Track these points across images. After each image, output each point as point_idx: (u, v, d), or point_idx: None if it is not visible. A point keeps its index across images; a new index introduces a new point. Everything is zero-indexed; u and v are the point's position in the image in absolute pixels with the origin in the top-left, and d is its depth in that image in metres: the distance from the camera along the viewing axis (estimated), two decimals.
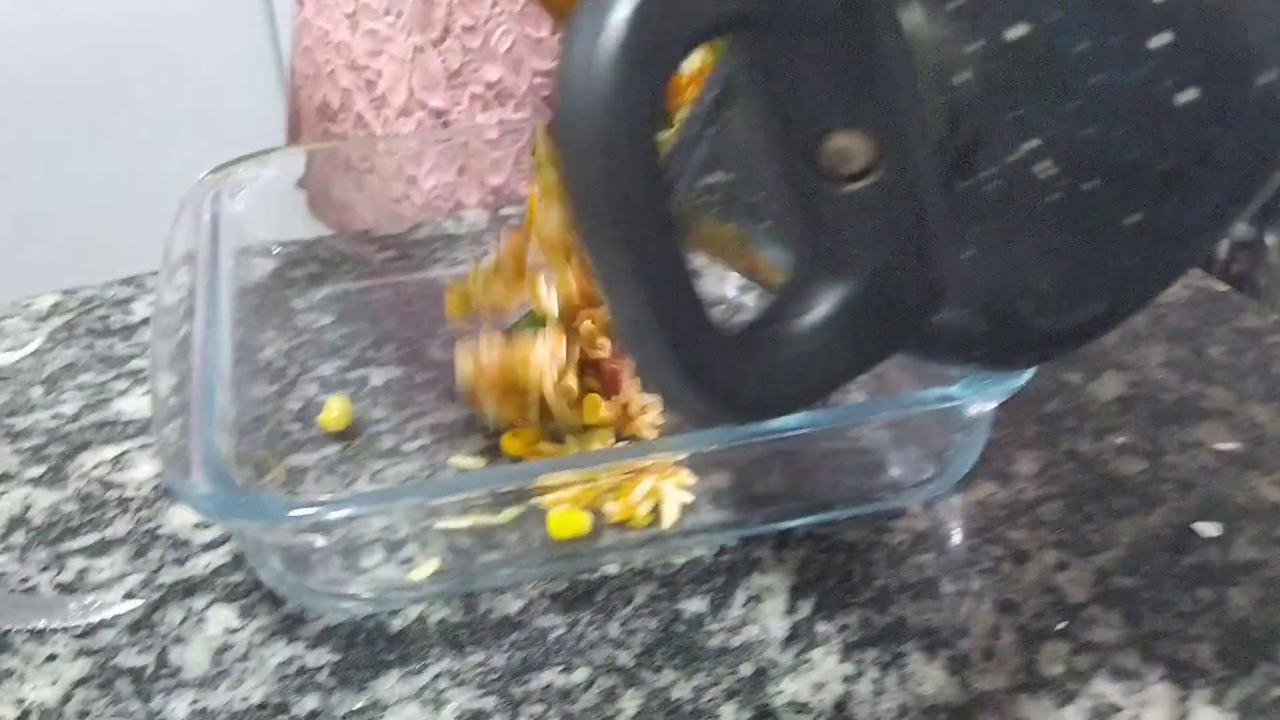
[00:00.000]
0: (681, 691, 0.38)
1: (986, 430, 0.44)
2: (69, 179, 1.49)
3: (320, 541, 0.40)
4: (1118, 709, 0.37)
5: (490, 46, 0.71)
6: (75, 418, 0.52)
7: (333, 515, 0.37)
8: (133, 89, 1.47)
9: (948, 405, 0.40)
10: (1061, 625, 0.40)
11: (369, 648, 0.40)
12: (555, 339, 0.44)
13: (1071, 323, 0.30)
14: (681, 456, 0.43)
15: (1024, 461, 0.47)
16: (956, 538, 0.44)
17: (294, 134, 0.81)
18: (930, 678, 0.38)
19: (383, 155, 0.70)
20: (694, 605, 0.42)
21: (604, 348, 0.45)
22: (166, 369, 0.44)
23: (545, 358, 0.43)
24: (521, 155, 0.67)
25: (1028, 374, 0.41)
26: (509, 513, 0.42)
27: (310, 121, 0.78)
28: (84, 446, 0.51)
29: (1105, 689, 0.38)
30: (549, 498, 0.42)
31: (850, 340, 0.27)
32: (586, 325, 0.45)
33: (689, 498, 0.44)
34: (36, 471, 0.49)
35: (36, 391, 0.54)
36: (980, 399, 0.40)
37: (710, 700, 0.38)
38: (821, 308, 0.27)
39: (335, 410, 0.49)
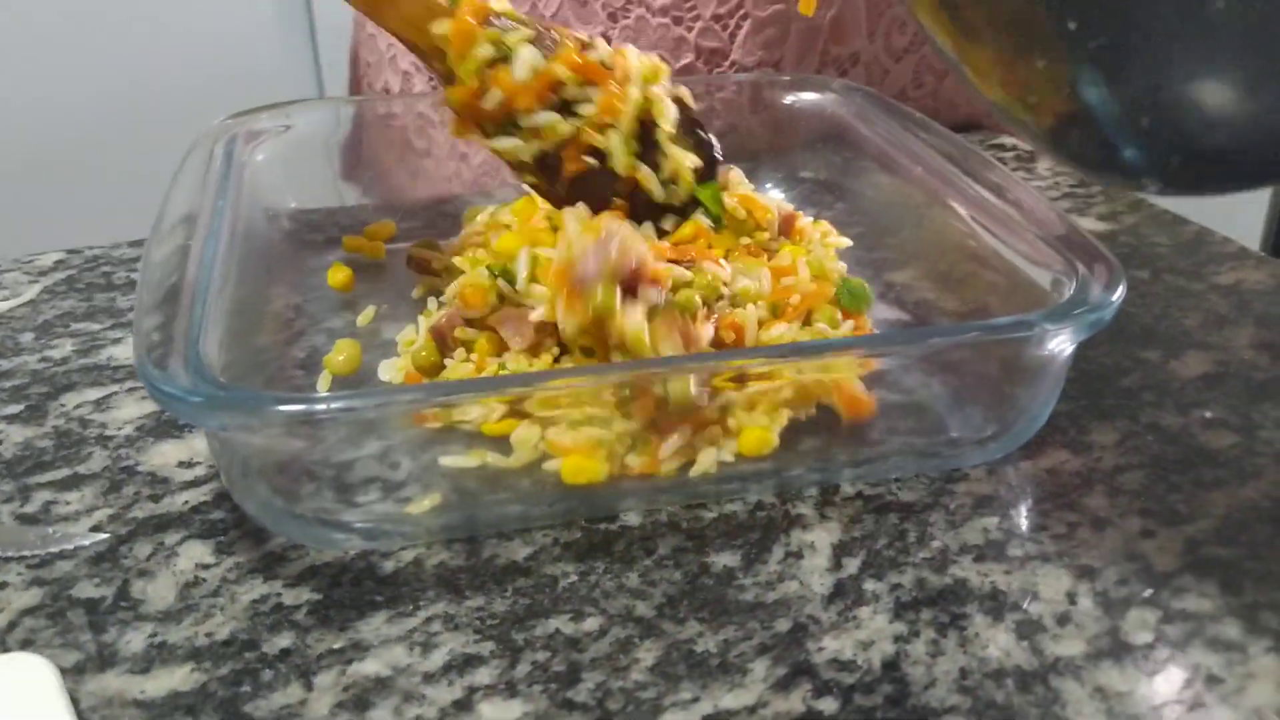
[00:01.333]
0: (707, 644, 0.33)
1: (1054, 388, 0.40)
2: (94, 141, 1.48)
3: (312, 457, 0.36)
4: (1218, 680, 0.32)
5: (538, 10, 0.70)
6: (63, 361, 0.49)
7: (322, 409, 0.33)
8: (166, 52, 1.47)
9: (1022, 335, 0.36)
10: (1148, 593, 0.35)
11: (355, 588, 0.36)
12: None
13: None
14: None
15: (1100, 432, 0.42)
16: (1025, 502, 0.39)
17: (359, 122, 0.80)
18: (996, 641, 0.33)
19: (439, 127, 0.67)
20: (724, 559, 0.37)
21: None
22: (153, 310, 0.39)
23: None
24: None
25: (1109, 309, 0.36)
26: (520, 455, 0.37)
27: None
28: (68, 388, 0.47)
29: (1203, 659, 0.32)
30: (563, 438, 0.37)
31: None
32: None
33: (728, 456, 0.39)
34: (14, 409, 0.45)
35: (26, 337, 0.51)
36: (1056, 328, 0.35)
37: (739, 655, 0.33)
38: None
39: (344, 353, 0.45)
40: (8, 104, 1.45)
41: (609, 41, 0.64)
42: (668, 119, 0.44)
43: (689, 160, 0.45)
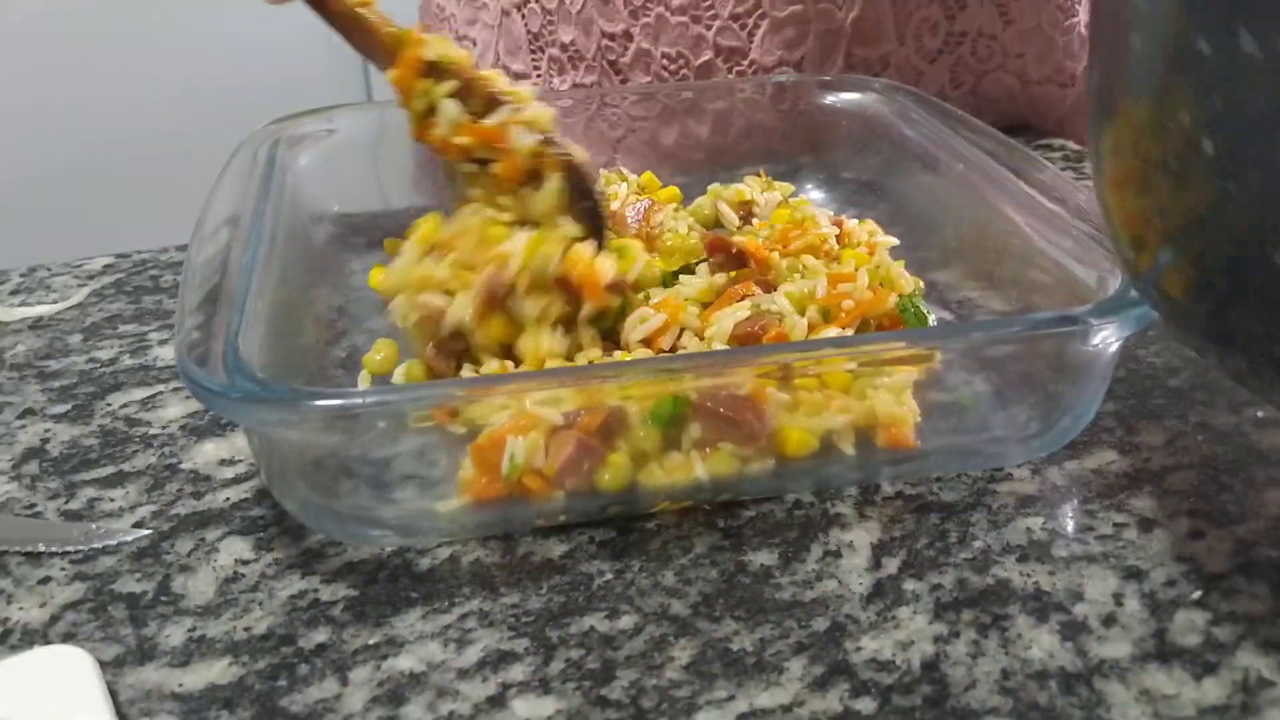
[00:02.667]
0: (743, 643, 0.33)
1: (1100, 386, 0.39)
2: (144, 147, 1.50)
3: (350, 454, 0.36)
4: (1269, 683, 0.31)
5: (565, 8, 0.70)
6: (111, 362, 0.49)
7: (359, 404, 0.33)
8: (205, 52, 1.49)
9: (1068, 330, 0.35)
10: (1197, 595, 0.34)
11: (392, 584, 0.36)
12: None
13: None
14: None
15: (1149, 432, 0.41)
16: (1070, 502, 0.38)
17: None
18: (1039, 642, 0.32)
19: None
20: (761, 558, 0.36)
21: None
22: (195, 310, 0.40)
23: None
24: (591, 123, 0.64)
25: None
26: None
27: None
28: (115, 388, 0.47)
29: (1254, 662, 0.31)
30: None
31: None
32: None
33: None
34: (62, 409, 0.46)
35: (75, 339, 0.51)
36: (1102, 322, 0.35)
37: (776, 653, 0.32)
38: None
39: (382, 352, 0.45)
40: (60, 110, 1.48)
41: (631, 39, 0.64)
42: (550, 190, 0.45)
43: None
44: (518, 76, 0.67)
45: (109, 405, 0.46)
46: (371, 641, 0.34)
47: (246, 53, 1.52)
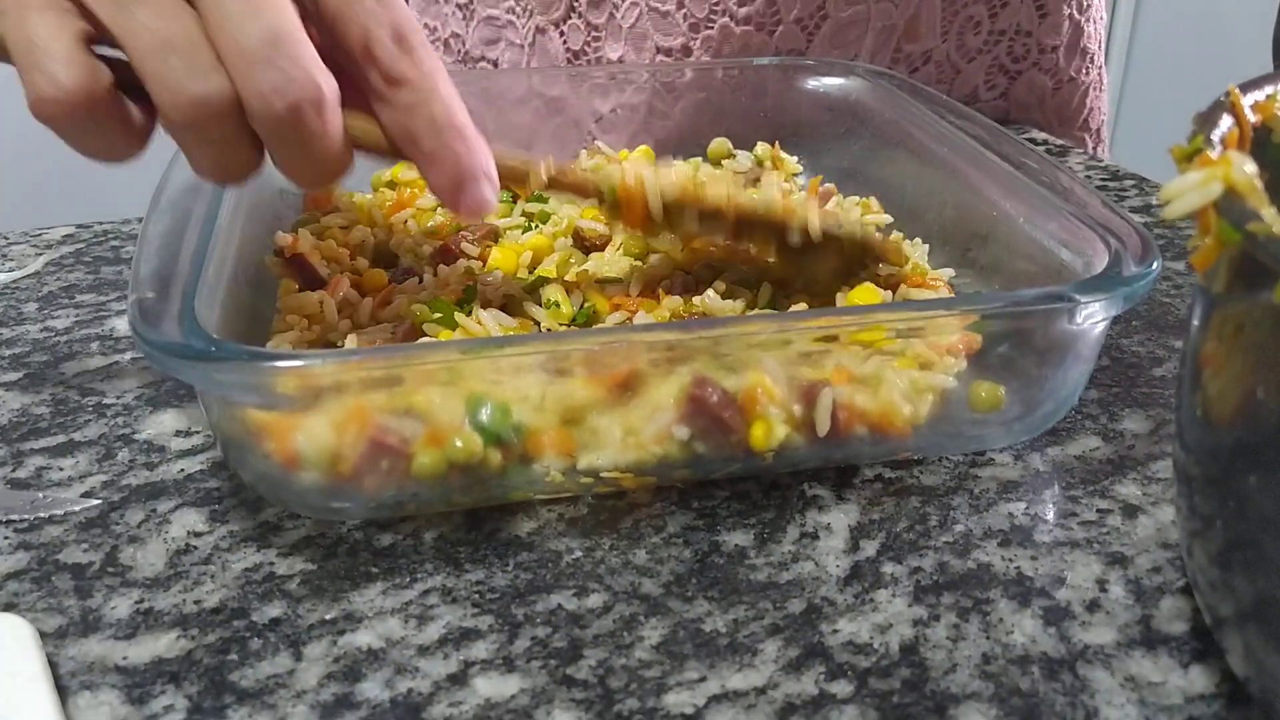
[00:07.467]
0: (716, 623, 0.32)
1: (1084, 368, 0.38)
2: None
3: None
4: None
5: (615, 22, 0.68)
6: (66, 331, 0.48)
7: (319, 366, 0.31)
8: None
9: (1053, 307, 0.34)
10: (1183, 582, 0.33)
11: (351, 559, 0.34)
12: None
13: None
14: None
15: (1133, 420, 0.41)
16: (1053, 487, 0.37)
17: None
18: (1021, 627, 0.31)
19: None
20: (736, 538, 0.35)
21: None
22: (151, 276, 0.38)
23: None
24: (635, 139, 0.63)
25: (1142, 283, 0.35)
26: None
27: None
28: (69, 357, 0.46)
29: None
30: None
31: None
32: None
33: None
34: (13, 377, 0.44)
35: (30, 308, 0.50)
36: (1089, 300, 0.34)
37: (750, 635, 0.31)
38: None
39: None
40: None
41: (690, 53, 0.63)
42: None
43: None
44: (551, 100, 0.64)
45: (62, 374, 0.44)
46: (328, 616, 0.32)
47: None
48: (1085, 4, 0.72)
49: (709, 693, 0.29)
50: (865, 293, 0.41)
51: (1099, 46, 0.74)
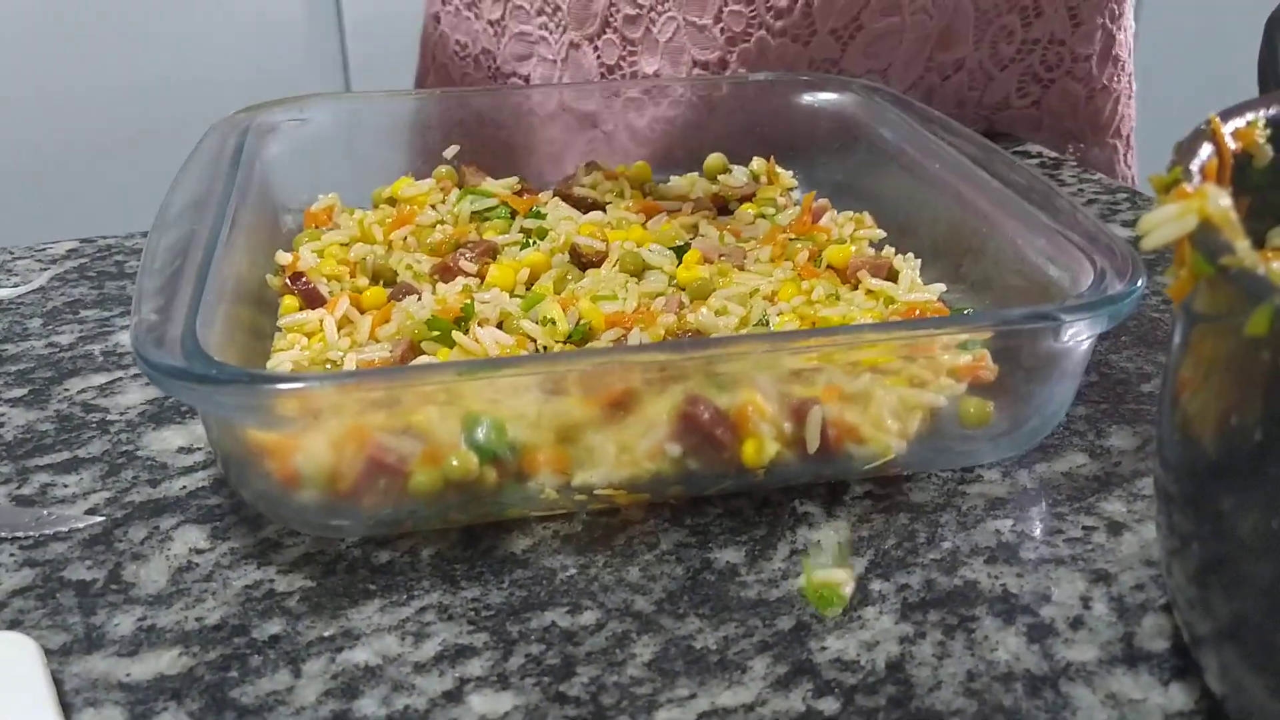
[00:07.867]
0: (706, 641, 0.32)
1: (1071, 385, 0.38)
2: (119, 133, 1.47)
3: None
4: None
5: (651, 36, 0.68)
6: (70, 348, 0.48)
7: (316, 388, 0.32)
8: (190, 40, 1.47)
9: (1039, 326, 0.35)
10: (1165, 600, 0.34)
11: (350, 576, 0.35)
12: None
13: None
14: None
15: (1120, 436, 0.41)
16: (1039, 505, 0.38)
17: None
18: (1005, 644, 0.32)
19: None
20: (728, 555, 0.36)
21: None
22: (154, 294, 0.38)
23: None
24: (670, 153, 0.63)
25: (1127, 301, 0.35)
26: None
27: None
28: (74, 373, 0.46)
29: None
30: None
31: None
32: None
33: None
34: (18, 393, 0.45)
35: (34, 323, 0.50)
36: (1074, 319, 0.34)
37: (740, 652, 0.32)
38: None
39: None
40: (31, 94, 1.45)
41: (726, 66, 0.63)
42: None
43: None
44: (585, 116, 0.64)
45: (66, 390, 0.45)
46: (327, 634, 0.33)
47: (221, 38, 1.50)
48: (1117, 12, 0.72)
49: (699, 709, 0.30)
50: (840, 252, 0.45)
51: (1129, 54, 0.74)
